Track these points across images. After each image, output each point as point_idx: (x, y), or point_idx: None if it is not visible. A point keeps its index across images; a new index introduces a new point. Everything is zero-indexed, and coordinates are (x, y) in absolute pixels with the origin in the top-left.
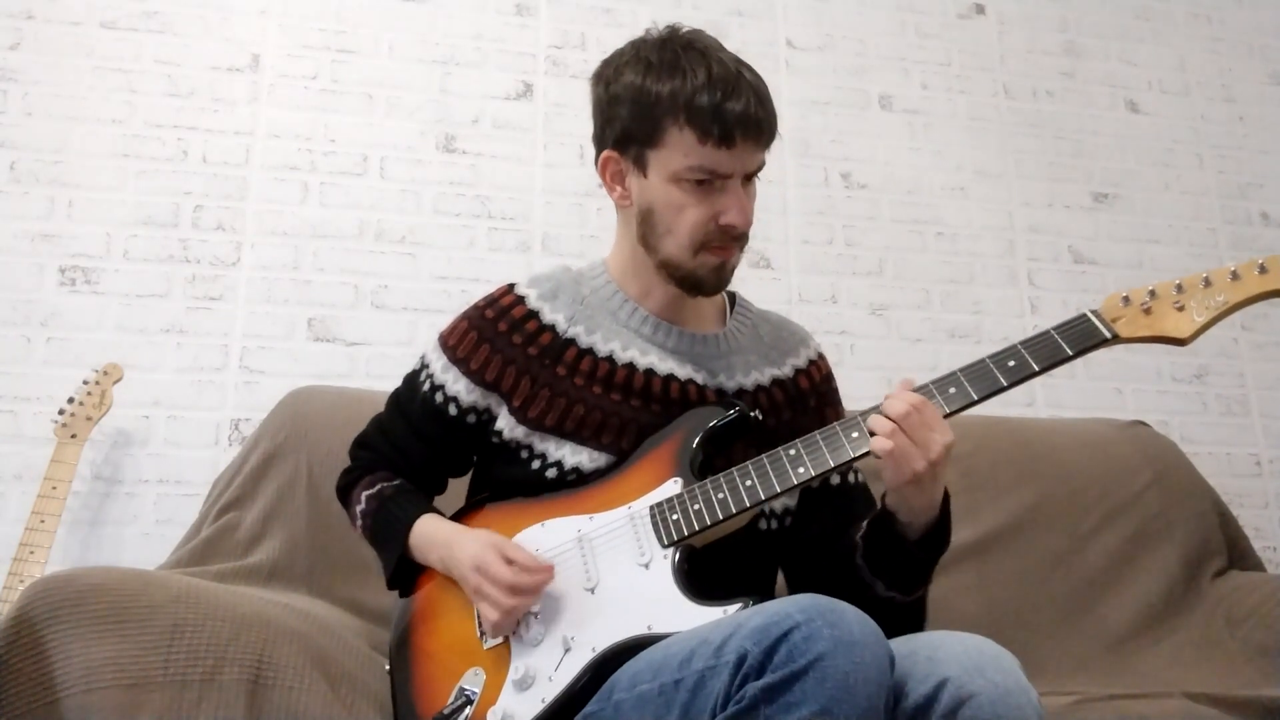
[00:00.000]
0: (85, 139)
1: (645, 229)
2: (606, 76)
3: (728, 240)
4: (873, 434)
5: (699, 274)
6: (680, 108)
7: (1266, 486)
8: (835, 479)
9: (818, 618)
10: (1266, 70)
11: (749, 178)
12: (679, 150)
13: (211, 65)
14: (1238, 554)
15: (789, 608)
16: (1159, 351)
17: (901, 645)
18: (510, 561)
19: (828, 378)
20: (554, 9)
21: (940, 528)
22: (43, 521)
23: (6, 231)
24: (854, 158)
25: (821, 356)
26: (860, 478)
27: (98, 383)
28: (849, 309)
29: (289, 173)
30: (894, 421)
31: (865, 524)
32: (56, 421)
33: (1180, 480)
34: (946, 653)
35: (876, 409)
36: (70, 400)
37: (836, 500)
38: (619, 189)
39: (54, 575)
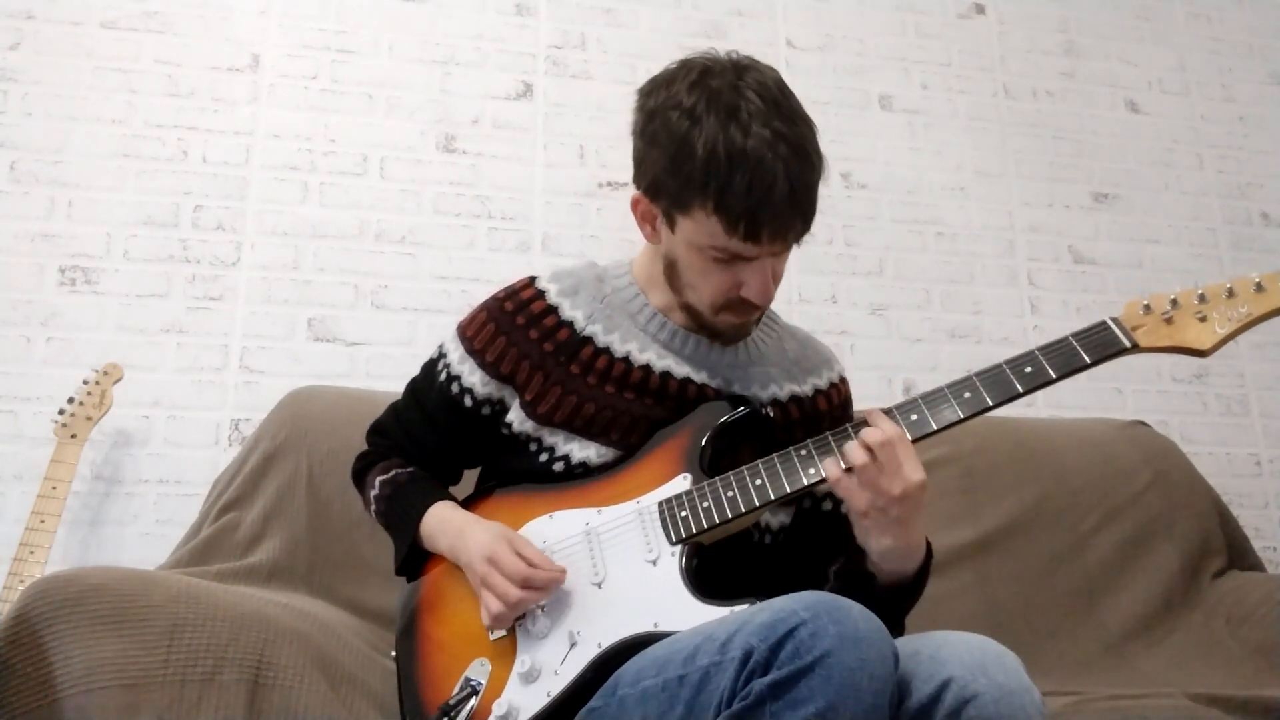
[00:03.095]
0: (85, 139)
1: (670, 274)
2: (650, 108)
3: (750, 307)
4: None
5: (718, 327)
6: (710, 195)
7: (1266, 486)
8: (828, 505)
9: (823, 614)
10: (1266, 70)
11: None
12: (704, 229)
13: (211, 65)
14: (1238, 554)
15: (794, 605)
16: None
17: (905, 645)
18: (522, 557)
19: (846, 403)
20: (554, 9)
21: (915, 582)
22: (43, 521)
23: (6, 231)
24: (854, 158)
25: (844, 380)
26: None
27: (98, 383)
28: (849, 309)
29: (289, 173)
30: (869, 450)
31: (841, 560)
32: (56, 421)
33: (1180, 480)
34: (950, 653)
35: (854, 431)
36: (70, 400)
37: (828, 526)
38: (649, 228)
39: (54, 575)
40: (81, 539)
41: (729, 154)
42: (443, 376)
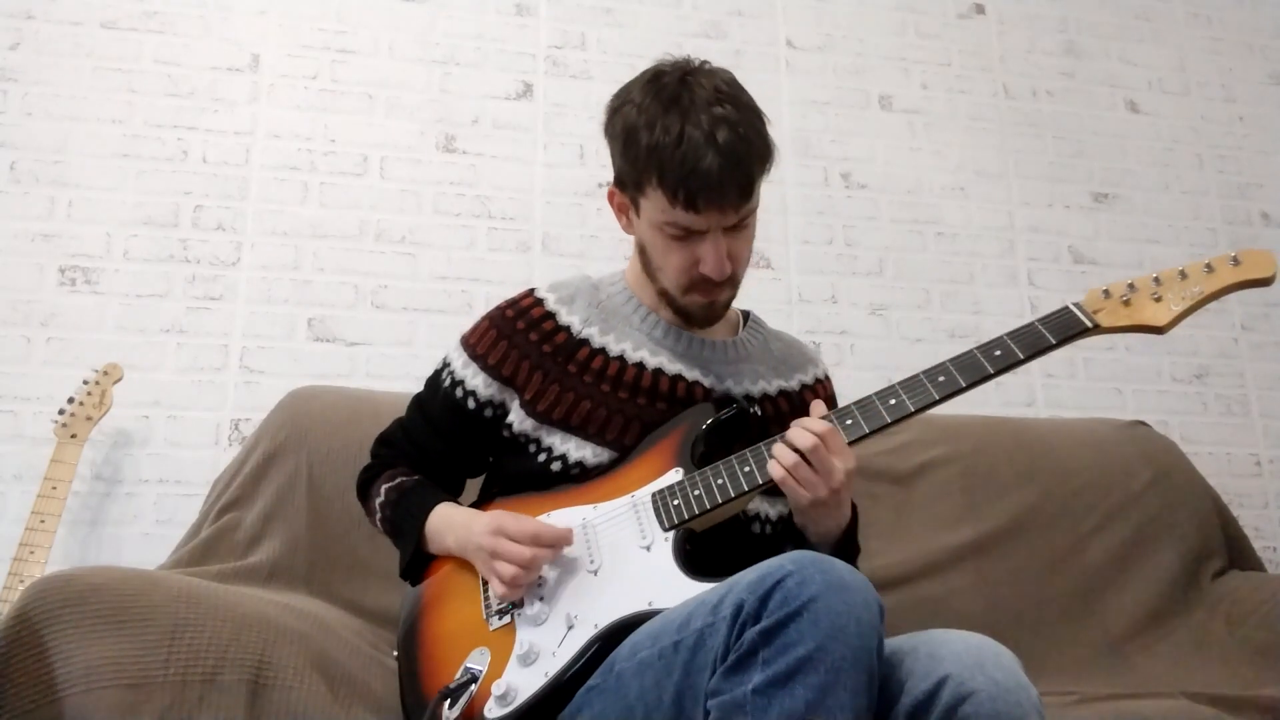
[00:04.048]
0: (85, 139)
1: (644, 260)
2: (612, 107)
3: (711, 285)
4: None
5: (689, 309)
6: (653, 168)
7: (1266, 486)
8: None
9: (809, 566)
10: (1266, 70)
11: (736, 225)
12: (656, 206)
13: (211, 65)
14: (1238, 554)
15: (781, 560)
16: (1159, 352)
17: (902, 642)
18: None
19: (831, 399)
20: (554, 9)
21: (848, 535)
22: (43, 521)
23: (6, 231)
24: (854, 158)
25: (828, 378)
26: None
27: (98, 383)
28: (849, 309)
29: (289, 173)
30: (799, 453)
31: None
32: (56, 421)
33: (1180, 480)
34: (947, 650)
35: (783, 437)
36: (70, 400)
37: None
38: (624, 219)
39: (54, 575)
40: (81, 539)
41: (668, 134)
42: (447, 383)
